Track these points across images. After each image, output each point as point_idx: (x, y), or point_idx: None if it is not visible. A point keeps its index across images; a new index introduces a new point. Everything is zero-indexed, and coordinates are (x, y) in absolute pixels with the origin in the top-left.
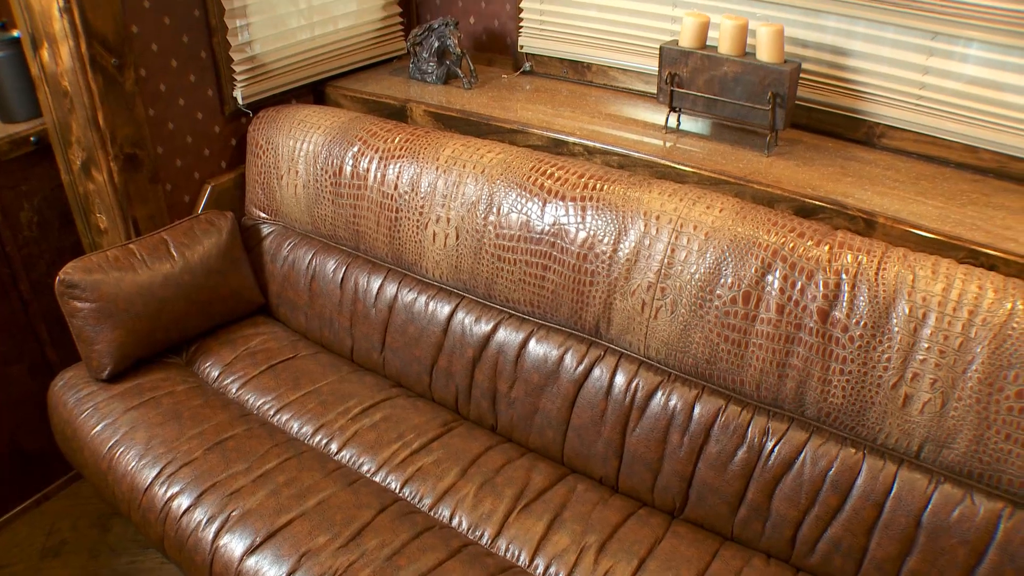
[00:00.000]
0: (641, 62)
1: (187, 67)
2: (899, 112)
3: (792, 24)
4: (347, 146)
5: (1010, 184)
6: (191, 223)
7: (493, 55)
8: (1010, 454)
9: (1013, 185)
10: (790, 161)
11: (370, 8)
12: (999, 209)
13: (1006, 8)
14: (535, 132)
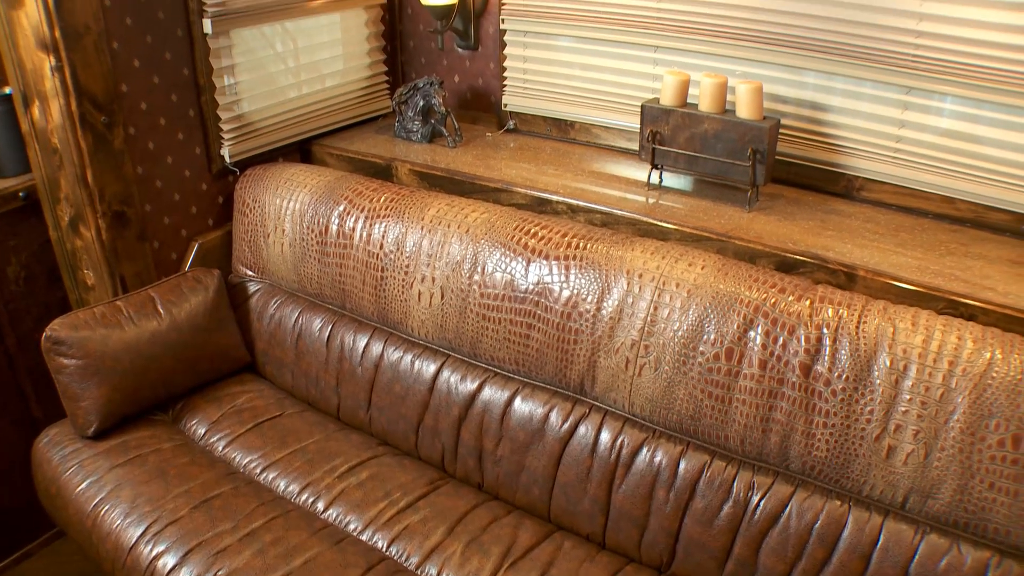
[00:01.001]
0: (623, 120)
1: (175, 125)
2: (877, 165)
3: (771, 81)
4: (333, 205)
5: (987, 233)
6: (178, 280)
7: (478, 113)
8: (995, 503)
9: (990, 234)
10: (771, 216)
11: (356, 67)
12: (977, 259)
13: (978, 64)
14: (519, 191)
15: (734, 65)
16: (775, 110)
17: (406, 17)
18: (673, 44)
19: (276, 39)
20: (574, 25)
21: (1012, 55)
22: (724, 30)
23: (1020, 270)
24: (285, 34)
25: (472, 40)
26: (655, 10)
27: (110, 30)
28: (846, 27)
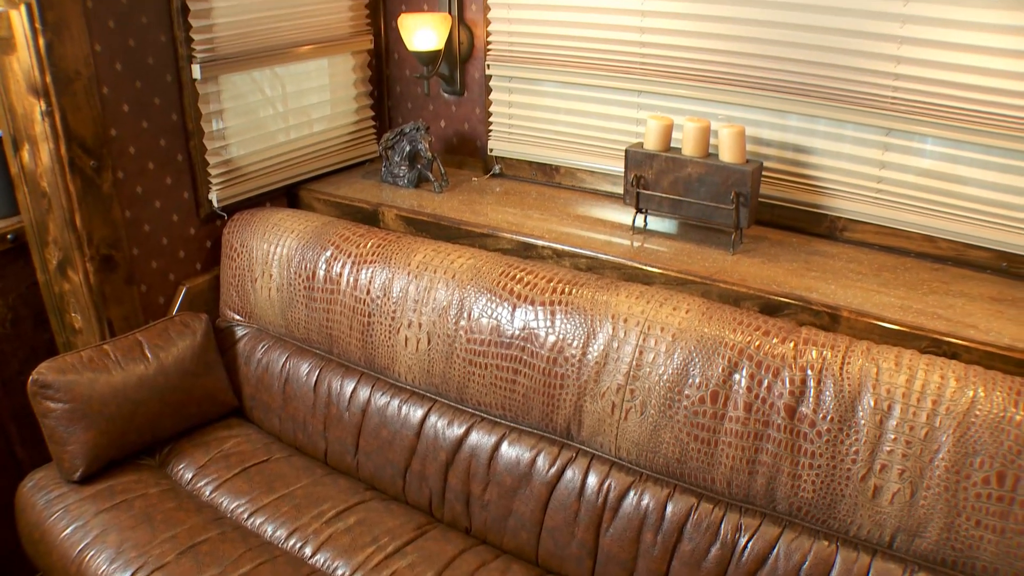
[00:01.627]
0: (608, 164)
1: (164, 170)
2: (859, 205)
3: (753, 124)
4: (320, 250)
5: (969, 271)
6: (166, 325)
7: (464, 158)
8: (982, 540)
9: (971, 272)
10: (755, 258)
11: (344, 112)
12: (959, 297)
13: (955, 106)
14: (505, 236)
15: (717, 109)
16: (758, 153)
17: (393, 62)
18: (656, 88)
19: (264, 84)
20: (558, 70)
21: (988, 97)
22: (707, 74)
23: (1001, 307)
24: (273, 79)
25: (458, 85)
26: (638, 55)
27: (100, 75)
28: (826, 70)
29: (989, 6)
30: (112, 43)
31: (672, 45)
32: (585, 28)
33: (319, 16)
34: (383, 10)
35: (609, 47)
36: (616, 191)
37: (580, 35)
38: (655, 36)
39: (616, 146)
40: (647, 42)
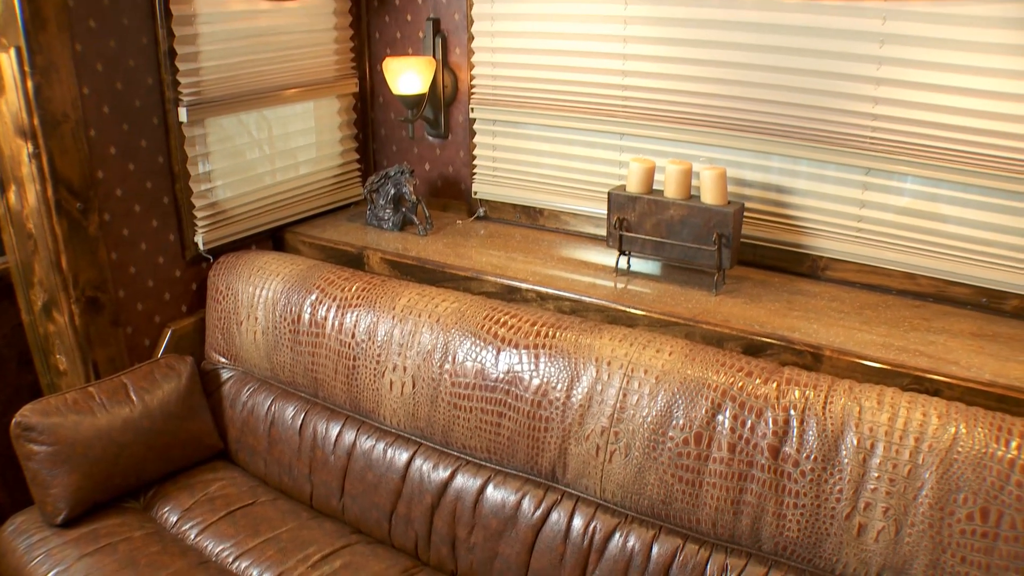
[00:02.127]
0: (591, 206)
1: (150, 212)
2: (840, 244)
3: (735, 165)
4: (306, 294)
5: (949, 307)
6: (151, 367)
7: (448, 200)
8: None
9: (952, 308)
10: (738, 299)
11: (329, 155)
12: (940, 333)
13: (932, 145)
14: (489, 279)
15: (699, 151)
16: (740, 194)
17: (377, 106)
18: (639, 131)
19: (250, 127)
20: (541, 113)
21: (965, 136)
22: (689, 116)
23: (982, 343)
24: (259, 122)
25: (442, 129)
26: (620, 98)
27: (87, 118)
28: (806, 111)
29: (962, 48)
30: (100, 86)
31: (654, 88)
32: (568, 71)
33: (305, 59)
34: (368, 54)
35: (591, 90)
36: (600, 233)
37: (563, 78)
38: (637, 79)
39: (599, 188)
40: (629, 85)
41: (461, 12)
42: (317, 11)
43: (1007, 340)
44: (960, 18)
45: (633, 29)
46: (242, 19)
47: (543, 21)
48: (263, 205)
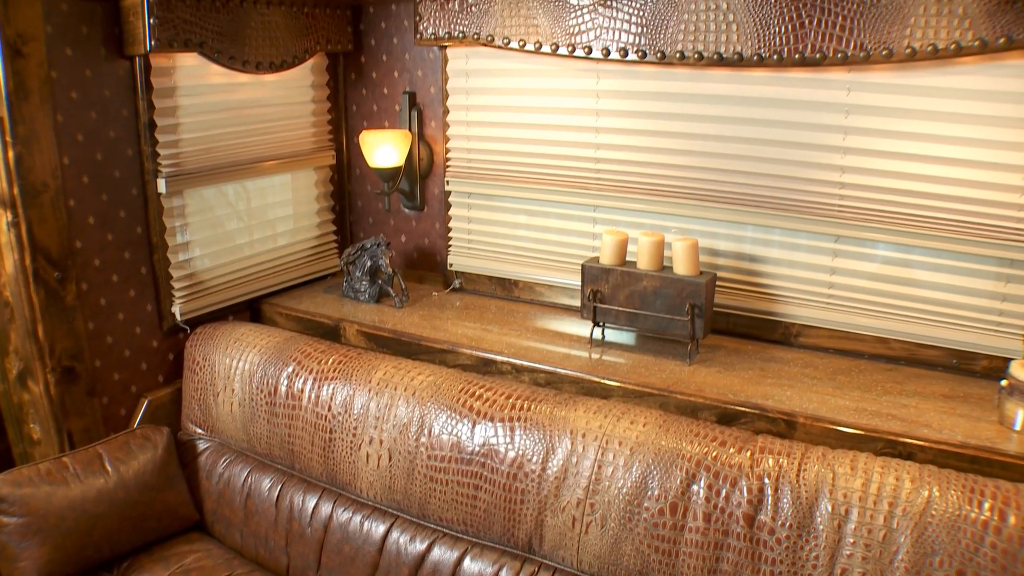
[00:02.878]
0: (566, 277)
1: (128, 282)
2: (812, 311)
3: (706, 235)
4: (282, 366)
5: (921, 370)
6: (127, 437)
7: (424, 272)
8: None
9: (924, 371)
10: (711, 368)
11: (306, 226)
12: (912, 396)
13: (898, 211)
14: (465, 351)
15: (671, 221)
16: (712, 263)
17: (354, 178)
18: (612, 203)
19: (228, 198)
20: (516, 186)
21: (929, 202)
22: (661, 188)
23: (953, 404)
24: (237, 194)
25: (418, 201)
26: (593, 171)
27: (67, 188)
28: (776, 181)
29: (924, 117)
30: (80, 156)
31: (626, 160)
32: (541, 145)
33: (283, 132)
34: (345, 126)
35: (565, 163)
36: (574, 304)
37: (536, 151)
38: (609, 152)
39: (574, 260)
40: (602, 158)
41: (437, 86)
42: (295, 84)
43: (978, 401)
44: (920, 88)
45: (605, 103)
46: (221, 92)
47: (517, 95)
48: (241, 276)
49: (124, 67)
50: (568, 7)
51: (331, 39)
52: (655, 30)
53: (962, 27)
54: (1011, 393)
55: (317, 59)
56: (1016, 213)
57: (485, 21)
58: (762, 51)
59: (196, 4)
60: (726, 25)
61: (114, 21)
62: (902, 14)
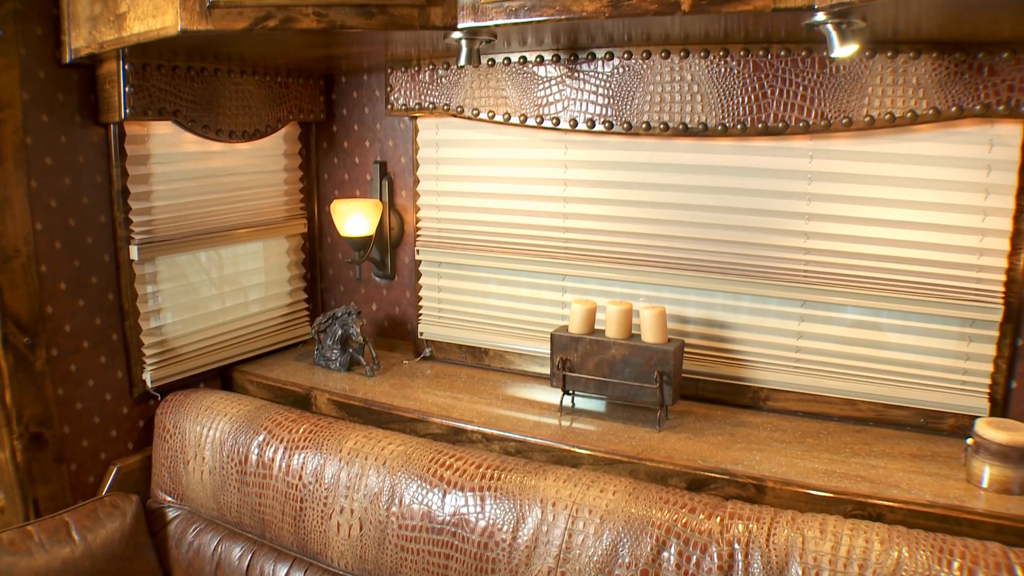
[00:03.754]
0: (536, 346)
1: (98, 348)
2: (780, 375)
3: (673, 302)
4: (253, 435)
5: (889, 430)
6: (95, 505)
7: (395, 341)
8: None
9: (892, 431)
10: (681, 434)
11: (278, 294)
12: (881, 457)
13: (862, 275)
14: (435, 421)
15: (640, 289)
16: (680, 330)
17: (326, 246)
18: (581, 272)
19: (200, 266)
20: (486, 255)
21: (891, 265)
22: (629, 256)
23: (921, 463)
24: (209, 261)
25: (389, 270)
26: (562, 240)
27: (39, 253)
28: (741, 248)
29: (885, 183)
30: (53, 222)
31: (595, 229)
32: (510, 214)
33: (255, 200)
34: (316, 195)
35: (534, 232)
36: (545, 372)
37: (506, 221)
38: (578, 221)
39: (543, 328)
40: (570, 227)
41: (407, 155)
42: (268, 153)
43: (946, 459)
44: (880, 155)
45: (573, 173)
46: (195, 160)
47: (486, 165)
48: (212, 343)
49: (99, 134)
50: (536, 79)
51: (304, 108)
52: (621, 101)
53: (916, 96)
54: (977, 451)
55: (290, 128)
56: (975, 274)
57: (455, 92)
58: (726, 121)
59: (171, 73)
60: (691, 96)
61: (90, 89)
62: (860, 84)
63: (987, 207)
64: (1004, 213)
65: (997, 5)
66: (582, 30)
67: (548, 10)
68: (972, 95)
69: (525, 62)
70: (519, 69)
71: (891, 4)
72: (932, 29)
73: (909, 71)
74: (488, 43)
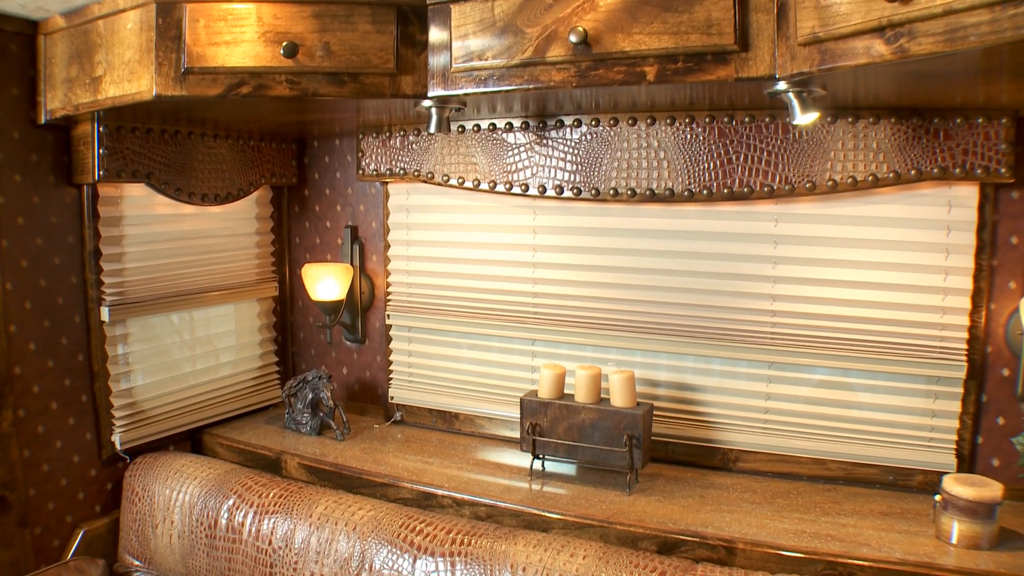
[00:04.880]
0: (506, 410)
1: (67, 410)
2: (749, 437)
3: (642, 366)
4: (223, 499)
5: (859, 489)
6: (59, 570)
7: (365, 404)
8: None
9: (862, 489)
10: (651, 497)
11: (249, 357)
12: (851, 516)
13: (828, 336)
14: (405, 485)
15: (608, 353)
16: (650, 393)
17: (297, 310)
18: (550, 336)
19: (172, 328)
20: (455, 320)
21: (856, 325)
22: (597, 321)
23: (891, 521)
24: (181, 323)
25: (359, 334)
26: (531, 304)
27: (9, 313)
28: (708, 312)
29: (849, 245)
30: (23, 282)
31: (563, 294)
32: (480, 279)
33: (227, 263)
34: (288, 259)
35: (504, 297)
36: (515, 436)
37: (476, 286)
38: (547, 286)
39: (513, 392)
40: (539, 292)
41: (378, 220)
42: (240, 216)
43: (915, 516)
44: (843, 218)
45: (542, 238)
46: (167, 222)
47: (456, 231)
48: (183, 406)
49: (72, 195)
50: (505, 145)
51: (276, 172)
52: (589, 168)
53: (877, 160)
54: (945, 507)
55: (262, 191)
56: (939, 332)
57: (425, 158)
58: (692, 186)
59: (145, 136)
60: (657, 162)
61: (64, 150)
62: (823, 149)
63: (948, 266)
64: (964, 272)
65: (948, 75)
66: (550, 98)
67: (517, 80)
68: (930, 158)
69: (495, 129)
70: (489, 136)
71: (850, 74)
72: (890, 96)
73: (869, 136)
74: (458, 111)
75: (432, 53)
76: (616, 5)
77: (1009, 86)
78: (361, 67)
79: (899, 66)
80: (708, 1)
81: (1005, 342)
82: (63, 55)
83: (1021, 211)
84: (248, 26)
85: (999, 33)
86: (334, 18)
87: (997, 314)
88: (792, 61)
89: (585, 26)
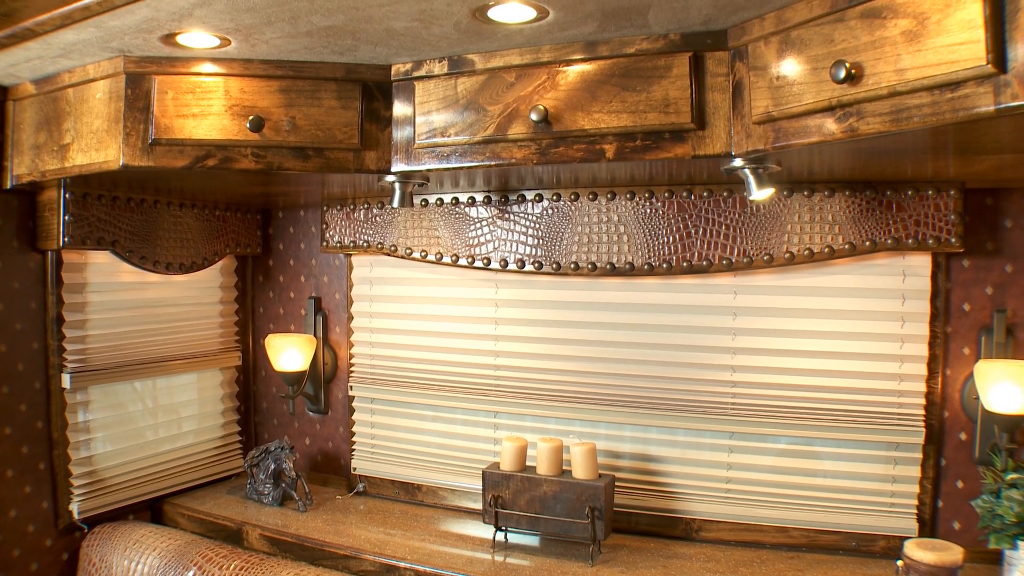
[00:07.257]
0: (468, 482)
1: (24, 478)
2: (711, 506)
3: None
4: (183, 570)
5: (822, 555)
6: None
7: (328, 475)
8: None
9: (825, 556)
10: (614, 568)
11: (211, 426)
12: None
13: (788, 406)
14: (367, 558)
15: (570, 426)
16: (612, 465)
17: (260, 379)
18: (512, 409)
19: (134, 395)
20: (418, 392)
21: (816, 394)
22: (558, 393)
23: None
24: (143, 391)
25: (322, 405)
26: (493, 377)
27: None
28: (669, 383)
29: (807, 315)
30: None
31: (525, 367)
32: (443, 352)
33: (190, 332)
34: (251, 328)
35: (466, 370)
36: (478, 507)
37: (438, 358)
38: (509, 359)
39: (476, 464)
40: (501, 364)
41: (342, 292)
42: (204, 285)
43: None
44: (800, 289)
45: (504, 311)
46: (131, 290)
47: (419, 303)
48: (143, 474)
49: (36, 260)
50: (468, 220)
51: (240, 242)
52: (551, 242)
53: (833, 232)
54: (907, 572)
55: (226, 261)
56: (897, 399)
57: (389, 231)
58: (652, 260)
59: (111, 203)
60: (617, 236)
61: (29, 215)
62: (780, 222)
63: (904, 334)
64: (920, 339)
65: (898, 151)
66: (512, 174)
67: (479, 156)
68: (884, 229)
69: (457, 203)
70: (452, 210)
71: (804, 151)
72: (844, 170)
73: (825, 208)
74: (421, 186)
75: (396, 128)
76: (576, 84)
77: (955, 161)
78: (326, 142)
79: (850, 144)
80: (666, 81)
81: (961, 407)
82: (31, 121)
83: (972, 279)
84: (216, 99)
85: (939, 115)
86: (300, 93)
87: (953, 379)
88: (747, 139)
89: (546, 104)
